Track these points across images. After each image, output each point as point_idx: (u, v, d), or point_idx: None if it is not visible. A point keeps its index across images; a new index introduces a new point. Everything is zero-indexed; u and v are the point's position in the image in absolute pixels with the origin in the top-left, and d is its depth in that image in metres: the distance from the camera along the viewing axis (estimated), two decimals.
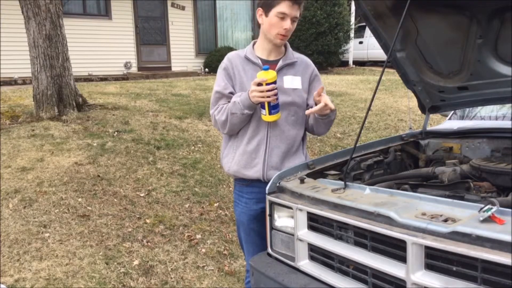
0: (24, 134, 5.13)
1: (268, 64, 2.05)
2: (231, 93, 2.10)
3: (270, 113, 2.01)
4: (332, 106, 1.96)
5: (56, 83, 5.87)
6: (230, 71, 2.11)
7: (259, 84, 1.93)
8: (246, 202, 2.18)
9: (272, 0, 1.98)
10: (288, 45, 2.19)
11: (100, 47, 11.50)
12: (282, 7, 1.96)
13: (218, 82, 2.14)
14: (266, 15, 2.03)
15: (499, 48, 2.03)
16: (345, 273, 1.68)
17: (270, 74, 1.94)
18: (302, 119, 2.17)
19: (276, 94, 1.97)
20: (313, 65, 2.25)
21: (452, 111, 3.01)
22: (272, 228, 1.97)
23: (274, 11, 1.98)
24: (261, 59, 2.11)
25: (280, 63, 2.11)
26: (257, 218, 2.17)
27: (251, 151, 2.10)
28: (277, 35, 2.02)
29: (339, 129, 6.34)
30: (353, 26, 14.92)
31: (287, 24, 1.98)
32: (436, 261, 1.35)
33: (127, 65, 12.24)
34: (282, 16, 1.98)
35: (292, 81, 2.12)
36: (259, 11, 2.07)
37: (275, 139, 2.10)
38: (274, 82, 1.95)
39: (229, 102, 2.08)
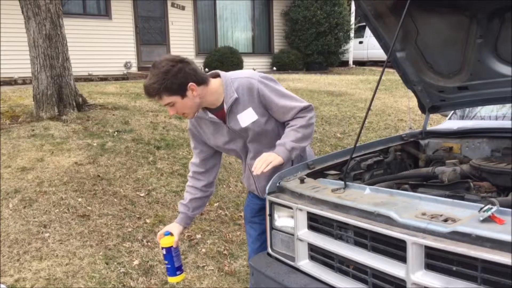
0: (24, 134, 5.13)
1: (216, 112, 2.06)
2: (202, 150, 2.24)
3: (172, 275, 2.11)
4: (261, 167, 1.93)
5: (56, 83, 5.86)
6: (194, 131, 2.21)
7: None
8: (251, 196, 2.39)
9: None
10: (225, 79, 2.03)
11: (100, 47, 11.49)
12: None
13: (192, 141, 2.27)
14: None
15: (499, 48, 2.03)
16: (345, 273, 1.68)
17: (165, 241, 2.08)
18: (276, 135, 2.11)
19: (174, 258, 2.10)
20: (254, 84, 2.00)
21: (452, 111, 3.01)
22: (272, 228, 1.97)
23: None
24: (211, 110, 2.07)
25: (225, 107, 2.03)
26: (259, 211, 2.30)
27: (246, 178, 2.31)
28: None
29: (339, 129, 6.35)
30: (353, 26, 14.94)
31: (169, 111, 1.99)
32: (436, 261, 1.35)
33: (127, 65, 12.24)
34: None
35: (246, 117, 2.04)
36: None
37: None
38: (170, 249, 2.09)
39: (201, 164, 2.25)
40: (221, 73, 2.07)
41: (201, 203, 2.30)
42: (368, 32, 15.03)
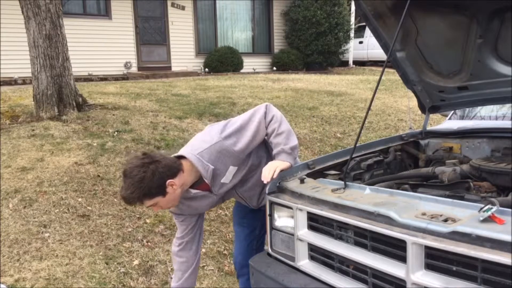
0: (24, 134, 5.13)
1: (198, 186, 2.04)
2: (194, 225, 2.24)
3: None
4: (268, 175, 1.93)
5: (56, 83, 5.86)
6: (181, 214, 2.20)
7: None
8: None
9: None
10: (192, 159, 1.95)
11: (100, 47, 11.49)
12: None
13: (179, 222, 2.25)
14: None
15: (499, 48, 2.03)
16: (345, 273, 1.68)
17: None
18: (258, 162, 2.11)
19: None
20: (222, 146, 1.96)
21: (452, 111, 3.01)
22: (272, 228, 1.98)
23: None
24: (191, 187, 2.05)
25: (208, 181, 2.00)
26: (249, 213, 2.34)
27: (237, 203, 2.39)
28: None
29: (339, 129, 6.34)
30: (353, 26, 14.93)
31: (154, 209, 2.00)
32: (436, 261, 1.35)
33: (127, 65, 12.24)
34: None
35: (229, 175, 2.03)
36: None
37: (247, 193, 2.19)
38: None
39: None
40: (184, 153, 1.97)
41: (195, 276, 2.31)
42: (368, 32, 15.04)
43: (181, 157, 1.97)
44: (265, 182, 1.93)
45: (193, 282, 2.29)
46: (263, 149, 2.16)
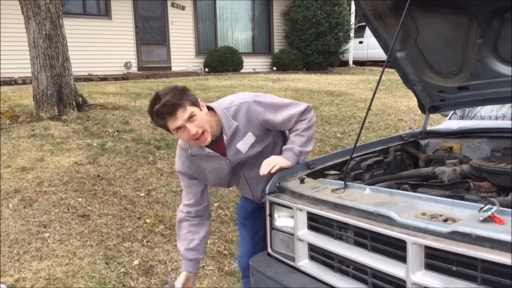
0: (24, 134, 5.13)
1: (213, 147, 1.98)
2: (198, 190, 2.16)
3: None
4: (269, 168, 1.92)
5: (56, 83, 5.87)
6: (186, 172, 2.11)
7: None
8: (244, 199, 2.37)
9: (161, 126, 1.88)
10: (219, 109, 1.95)
11: (100, 47, 11.49)
12: (171, 125, 1.83)
13: (183, 183, 2.17)
14: (173, 133, 1.91)
15: (499, 48, 2.03)
16: (345, 273, 1.68)
17: None
18: (274, 146, 2.11)
19: None
20: (250, 107, 1.95)
21: (452, 111, 3.01)
22: (272, 228, 1.97)
23: (172, 130, 1.87)
24: (207, 146, 1.99)
25: (225, 138, 1.97)
26: (252, 214, 2.32)
27: (241, 186, 2.25)
28: (194, 141, 1.90)
29: (339, 129, 6.34)
30: (353, 26, 14.93)
31: (190, 131, 1.83)
32: (436, 261, 1.35)
33: (127, 65, 12.24)
34: (179, 128, 1.84)
35: (246, 142, 1.99)
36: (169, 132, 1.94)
37: (254, 180, 2.16)
38: None
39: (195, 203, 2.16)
40: (212, 105, 1.98)
41: (206, 233, 2.23)
42: (368, 32, 15.03)
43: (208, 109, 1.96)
44: (261, 174, 1.94)
45: (206, 239, 2.23)
46: (281, 137, 2.17)
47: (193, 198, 2.15)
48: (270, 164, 1.94)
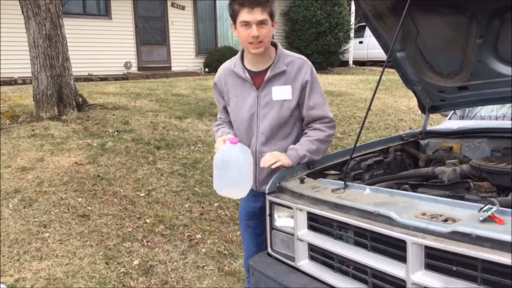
0: (24, 134, 5.13)
1: (256, 75, 2.05)
2: (225, 107, 2.23)
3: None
4: (270, 163, 1.94)
5: (56, 83, 5.87)
6: (220, 86, 2.20)
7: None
8: (246, 199, 2.30)
9: (233, 11, 1.95)
10: (280, 50, 2.08)
11: (100, 47, 11.50)
12: (242, 16, 1.90)
13: (215, 96, 2.27)
14: (235, 27, 1.99)
15: (499, 48, 2.03)
16: (345, 273, 1.68)
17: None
18: (291, 129, 2.12)
19: None
20: (307, 68, 2.07)
21: (452, 111, 3.01)
22: (272, 228, 1.97)
23: (238, 22, 1.93)
24: (249, 71, 2.08)
25: (268, 74, 2.03)
26: (255, 215, 2.28)
27: None
28: (248, 44, 1.96)
29: (339, 129, 6.34)
30: (353, 26, 14.94)
31: (253, 31, 1.89)
32: (436, 261, 1.35)
33: (127, 65, 12.24)
34: (246, 24, 1.91)
35: (281, 92, 2.04)
36: (232, 25, 2.03)
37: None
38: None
39: (227, 117, 2.25)
40: (278, 44, 2.10)
41: None
42: (368, 32, 15.04)
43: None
44: (261, 165, 1.97)
45: None
46: (301, 128, 2.16)
47: (224, 111, 2.26)
48: (273, 158, 1.96)
